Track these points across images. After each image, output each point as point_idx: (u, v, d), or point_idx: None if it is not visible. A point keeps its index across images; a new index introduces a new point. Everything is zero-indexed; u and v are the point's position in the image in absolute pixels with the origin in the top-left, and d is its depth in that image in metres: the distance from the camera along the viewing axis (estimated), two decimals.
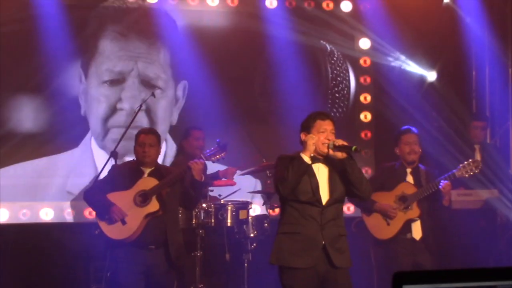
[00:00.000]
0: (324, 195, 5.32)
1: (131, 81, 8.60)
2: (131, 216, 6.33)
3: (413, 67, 9.13)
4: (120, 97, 8.57)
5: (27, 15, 8.23)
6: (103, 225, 6.43)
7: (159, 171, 6.50)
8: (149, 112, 8.62)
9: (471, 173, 6.75)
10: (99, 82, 8.56)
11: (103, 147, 8.46)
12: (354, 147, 5.21)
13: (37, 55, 8.24)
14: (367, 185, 5.40)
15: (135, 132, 6.76)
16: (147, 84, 8.64)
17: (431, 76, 9.17)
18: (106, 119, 8.52)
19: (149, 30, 8.69)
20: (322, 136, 5.34)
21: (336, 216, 5.35)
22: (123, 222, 6.34)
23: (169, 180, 6.37)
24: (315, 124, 5.39)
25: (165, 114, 8.73)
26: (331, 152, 5.29)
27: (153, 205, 6.33)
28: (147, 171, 6.49)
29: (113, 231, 6.39)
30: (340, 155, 5.27)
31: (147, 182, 6.39)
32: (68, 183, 8.39)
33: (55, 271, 8.09)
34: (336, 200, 5.35)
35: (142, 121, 8.44)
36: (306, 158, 5.30)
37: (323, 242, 5.27)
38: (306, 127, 5.42)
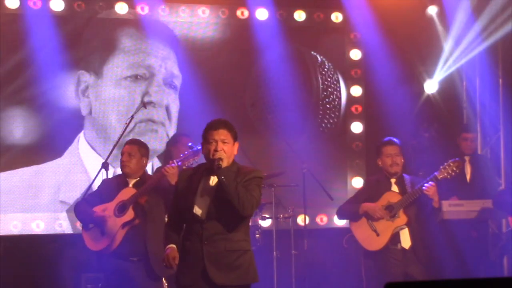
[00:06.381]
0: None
1: (160, 76, 8.62)
2: (109, 226, 6.35)
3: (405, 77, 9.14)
4: (147, 91, 8.57)
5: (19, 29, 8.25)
6: (85, 237, 6.52)
7: (143, 182, 6.50)
8: (168, 109, 8.64)
9: (453, 174, 6.74)
10: (117, 78, 8.54)
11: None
12: (217, 163, 4.93)
13: (28, 67, 8.23)
14: (244, 202, 4.94)
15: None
16: (167, 81, 8.67)
17: (430, 87, 9.19)
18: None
19: (162, 34, 8.74)
20: (211, 148, 5.01)
21: (225, 231, 4.98)
22: (102, 233, 6.36)
23: (144, 188, 6.35)
24: (207, 134, 5.05)
25: (176, 113, 8.76)
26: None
27: (129, 214, 6.34)
28: (132, 182, 6.51)
29: (93, 242, 6.45)
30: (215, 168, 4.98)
31: (127, 193, 6.42)
32: (60, 193, 8.34)
33: (46, 282, 8.05)
34: (219, 214, 4.98)
35: (160, 115, 8.56)
36: None
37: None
38: (203, 137, 5.10)
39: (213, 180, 5.04)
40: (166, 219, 6.76)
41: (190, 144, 6.54)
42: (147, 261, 6.28)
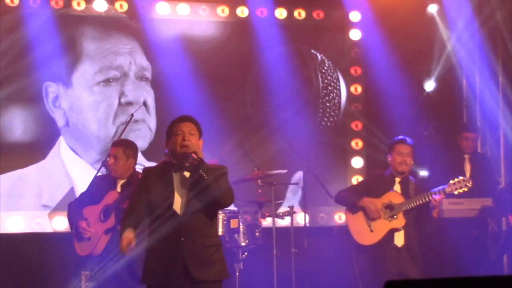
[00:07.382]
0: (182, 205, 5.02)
1: (131, 74, 8.53)
2: (95, 231, 6.37)
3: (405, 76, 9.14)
4: (122, 92, 8.50)
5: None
6: (75, 241, 6.52)
7: (130, 183, 6.47)
8: (146, 104, 8.55)
9: (461, 191, 6.74)
10: (89, 85, 8.41)
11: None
12: (196, 157, 4.95)
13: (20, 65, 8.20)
14: (225, 191, 5.02)
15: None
16: (138, 75, 8.58)
17: (429, 86, 9.19)
18: (113, 117, 8.40)
19: (130, 29, 8.64)
20: (179, 139, 5.02)
21: (201, 226, 5.02)
22: (88, 238, 6.37)
23: (125, 194, 6.33)
24: (173, 127, 5.08)
25: (154, 107, 8.67)
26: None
27: (111, 221, 6.35)
28: (120, 183, 6.49)
29: (80, 247, 6.48)
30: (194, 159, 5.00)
31: (111, 196, 6.41)
32: (42, 197, 8.23)
33: (46, 281, 8.04)
34: (196, 209, 5.00)
35: (139, 113, 8.39)
36: None
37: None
38: (168, 132, 5.13)
39: (186, 175, 5.03)
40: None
41: (166, 151, 6.53)
42: (132, 265, 6.24)
